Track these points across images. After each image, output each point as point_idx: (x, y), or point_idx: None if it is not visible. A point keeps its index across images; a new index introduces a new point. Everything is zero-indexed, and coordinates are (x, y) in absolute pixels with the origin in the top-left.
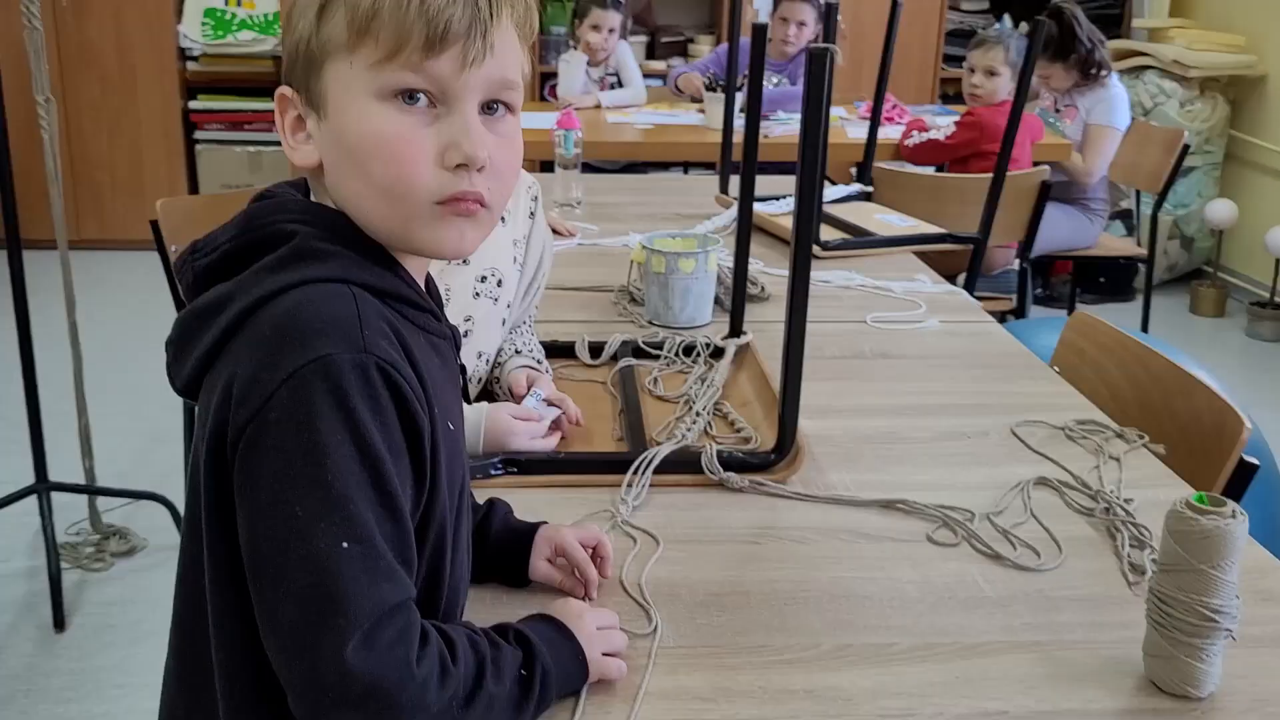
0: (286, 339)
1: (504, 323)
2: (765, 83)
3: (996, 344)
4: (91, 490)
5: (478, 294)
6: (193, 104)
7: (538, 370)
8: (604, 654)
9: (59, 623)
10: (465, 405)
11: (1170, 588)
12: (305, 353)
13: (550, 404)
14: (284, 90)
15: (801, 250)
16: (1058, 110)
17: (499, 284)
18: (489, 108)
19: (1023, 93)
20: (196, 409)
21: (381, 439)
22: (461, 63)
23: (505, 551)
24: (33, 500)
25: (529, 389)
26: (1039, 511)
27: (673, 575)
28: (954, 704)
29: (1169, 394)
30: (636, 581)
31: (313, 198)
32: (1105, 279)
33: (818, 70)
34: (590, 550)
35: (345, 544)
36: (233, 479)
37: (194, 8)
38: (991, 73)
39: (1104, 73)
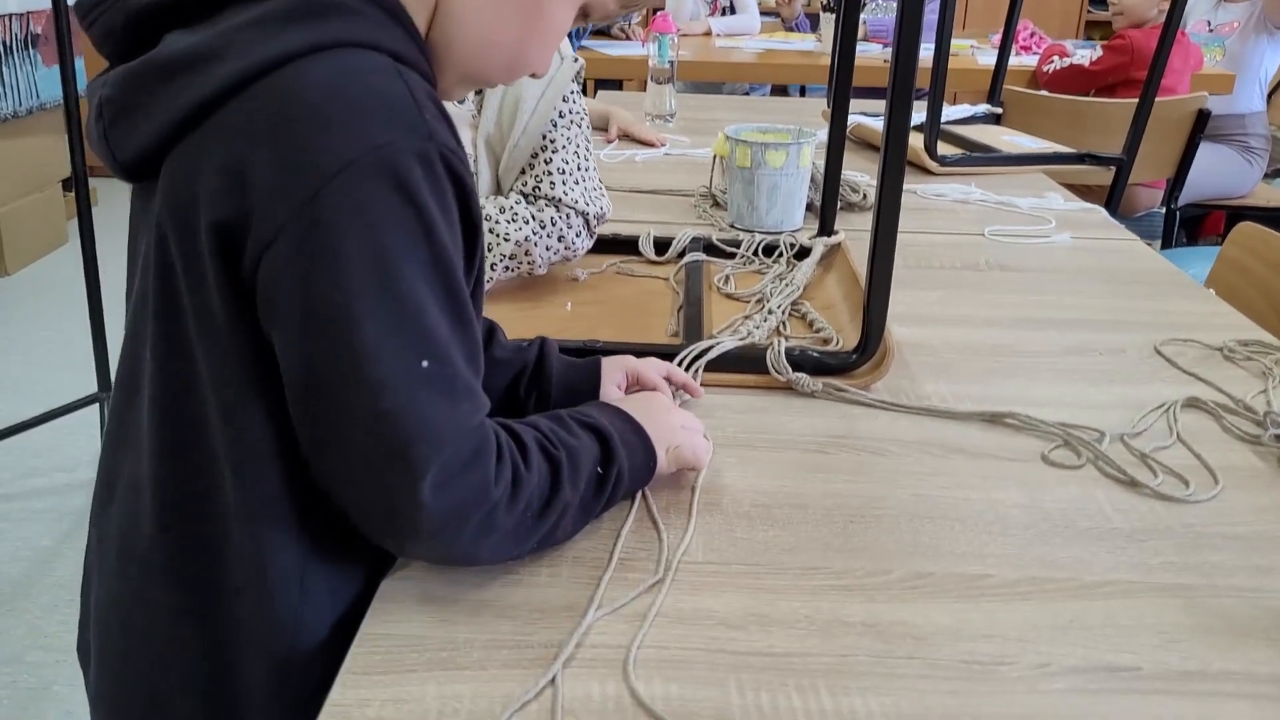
0: (331, 120)
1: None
2: (885, 10)
3: (1140, 261)
4: None
5: None
6: None
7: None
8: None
9: None
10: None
11: None
12: (360, 138)
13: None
14: None
15: (900, 96)
16: (1211, 30)
17: None
18: None
19: (1178, 7)
20: (157, 189)
21: (449, 240)
22: None
23: (573, 383)
24: (95, 412)
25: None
26: (1188, 436)
27: (714, 481)
28: (1065, 654)
29: None
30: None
31: None
32: None
33: None
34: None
35: (425, 363)
36: (249, 283)
37: None
38: None
39: None
